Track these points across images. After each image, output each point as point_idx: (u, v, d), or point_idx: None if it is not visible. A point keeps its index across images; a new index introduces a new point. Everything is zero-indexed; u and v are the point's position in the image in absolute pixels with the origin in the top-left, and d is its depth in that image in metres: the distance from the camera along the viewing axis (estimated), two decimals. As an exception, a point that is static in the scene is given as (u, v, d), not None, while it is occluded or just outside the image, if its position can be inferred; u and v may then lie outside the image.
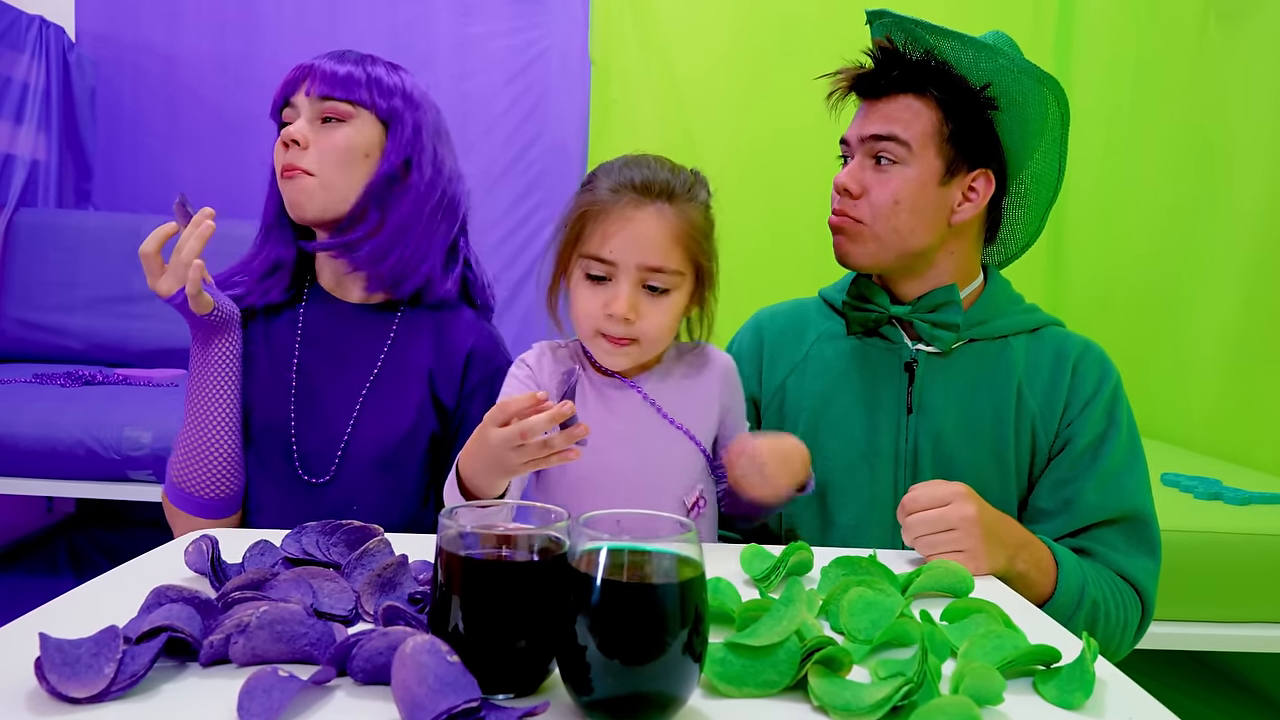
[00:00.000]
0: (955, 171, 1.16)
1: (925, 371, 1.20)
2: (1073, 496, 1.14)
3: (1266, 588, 1.56)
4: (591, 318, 1.05)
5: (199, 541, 0.82)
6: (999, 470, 1.16)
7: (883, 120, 1.16)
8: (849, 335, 1.26)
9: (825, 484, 1.21)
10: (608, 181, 1.07)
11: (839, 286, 1.31)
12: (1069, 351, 1.19)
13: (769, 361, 1.29)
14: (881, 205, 1.16)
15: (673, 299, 1.06)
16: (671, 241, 1.04)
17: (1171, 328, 2.33)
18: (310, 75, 1.18)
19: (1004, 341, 1.21)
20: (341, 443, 1.21)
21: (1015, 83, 1.14)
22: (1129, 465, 1.16)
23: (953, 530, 0.96)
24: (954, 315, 1.19)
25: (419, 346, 1.26)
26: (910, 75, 1.16)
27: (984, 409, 1.17)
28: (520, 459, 0.85)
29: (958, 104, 1.15)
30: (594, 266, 1.05)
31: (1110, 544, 1.13)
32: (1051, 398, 1.17)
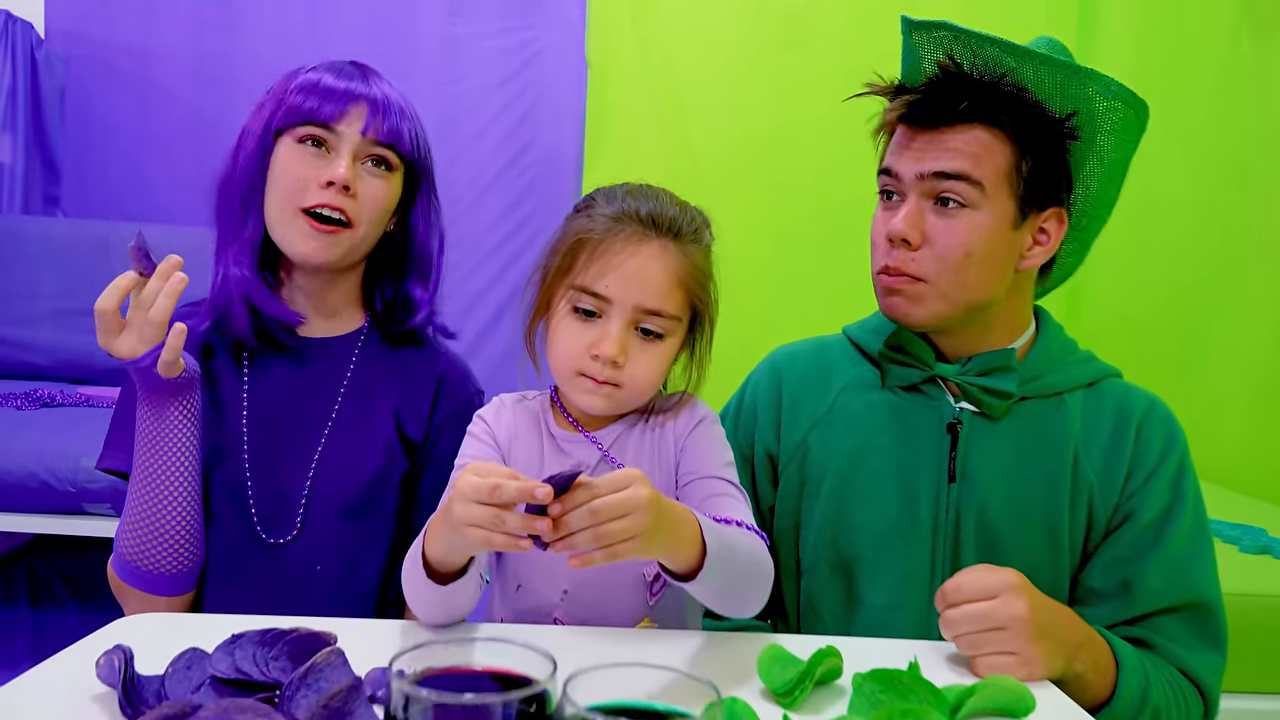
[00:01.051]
0: (1028, 213, 1.01)
1: (970, 434, 1.05)
2: (1132, 579, 1.00)
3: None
4: (574, 357, 0.93)
5: (111, 654, 0.68)
6: (1051, 547, 1.02)
7: (949, 155, 0.98)
8: (883, 388, 1.10)
9: (852, 558, 1.07)
10: (609, 208, 0.94)
11: (870, 328, 1.16)
12: (1132, 410, 1.05)
13: (789, 412, 1.14)
14: (950, 258, 0.99)
15: (665, 345, 0.95)
16: (673, 283, 0.93)
17: (1199, 356, 2.21)
18: (371, 109, 1.05)
19: (1059, 399, 1.06)
20: (303, 495, 1.07)
21: (1107, 110, 0.99)
22: (1195, 545, 1.02)
23: (1001, 630, 0.83)
24: (1009, 382, 1.03)
25: (382, 379, 1.13)
26: (981, 103, 0.99)
27: (1035, 477, 1.03)
28: (476, 534, 0.74)
29: (1037, 137, 0.99)
30: (584, 300, 0.93)
31: (1171, 635, 0.99)
32: (1112, 464, 1.02)
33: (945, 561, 1.05)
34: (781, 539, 1.13)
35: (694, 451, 0.99)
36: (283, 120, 1.05)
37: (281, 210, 1.05)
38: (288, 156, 1.04)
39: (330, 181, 1.02)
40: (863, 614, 1.06)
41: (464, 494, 0.74)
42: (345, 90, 1.05)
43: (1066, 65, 0.98)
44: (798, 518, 1.11)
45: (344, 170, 1.03)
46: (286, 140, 1.05)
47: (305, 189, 1.03)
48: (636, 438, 1.00)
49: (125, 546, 1.02)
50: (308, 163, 1.04)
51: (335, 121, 1.04)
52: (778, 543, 1.13)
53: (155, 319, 0.93)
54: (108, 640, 0.79)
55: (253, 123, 1.08)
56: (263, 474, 1.07)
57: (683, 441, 0.99)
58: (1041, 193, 1.01)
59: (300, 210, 1.04)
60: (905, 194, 1.02)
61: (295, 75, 1.08)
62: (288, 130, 1.05)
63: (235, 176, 1.08)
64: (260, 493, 1.07)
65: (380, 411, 1.11)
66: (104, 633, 0.83)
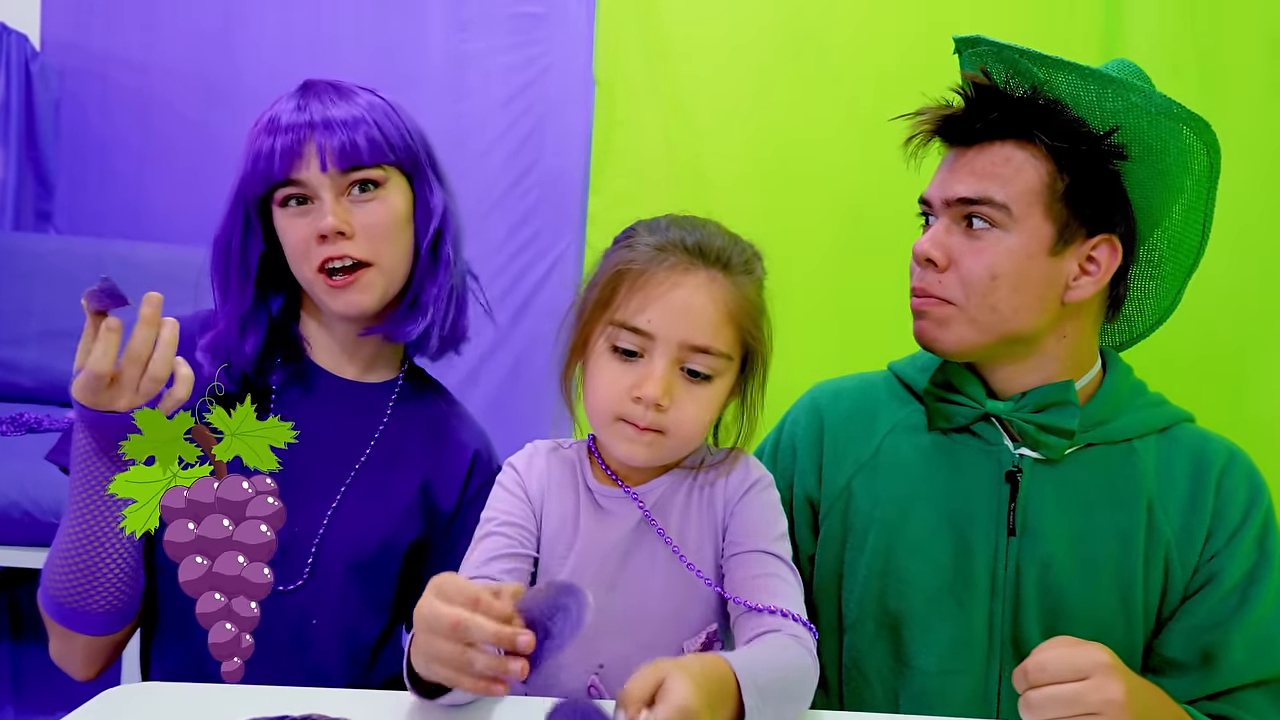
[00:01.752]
0: (1071, 238, 0.94)
1: (1031, 483, 0.97)
2: (1214, 649, 0.92)
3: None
4: (614, 400, 0.85)
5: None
6: (1124, 610, 0.94)
7: (974, 178, 0.94)
8: (932, 430, 1.03)
9: (901, 616, 0.99)
10: (652, 239, 0.87)
11: (918, 365, 1.08)
12: (1211, 460, 0.97)
13: (831, 455, 1.06)
14: (975, 280, 0.94)
15: (714, 389, 0.87)
16: (723, 318, 0.85)
17: (1239, 390, 2.12)
18: (318, 144, 0.97)
19: (1128, 446, 0.98)
20: (314, 543, 1.00)
21: (1152, 126, 0.91)
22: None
23: (1094, 715, 0.74)
24: (1069, 419, 0.95)
25: (413, 441, 1.07)
26: (1013, 117, 0.93)
27: (1106, 532, 0.95)
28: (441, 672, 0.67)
29: (1075, 154, 0.92)
30: (625, 338, 0.84)
31: (1259, 713, 0.91)
32: (1191, 521, 0.94)
33: (1004, 624, 0.96)
34: (822, 593, 1.04)
35: (744, 519, 0.90)
36: (247, 188, 1.00)
37: (304, 277, 1.02)
38: (283, 226, 1.01)
39: (322, 236, 0.98)
40: (913, 679, 0.98)
41: (426, 623, 0.67)
42: (288, 131, 0.98)
43: (1101, 75, 0.91)
44: (840, 569, 1.03)
45: (328, 220, 0.97)
46: (275, 208, 1.01)
47: (308, 252, 0.99)
48: (683, 497, 0.92)
49: (54, 585, 0.94)
50: (298, 225, 0.99)
51: (294, 172, 0.98)
52: (818, 597, 1.05)
53: (158, 374, 0.85)
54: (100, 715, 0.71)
55: (232, 188, 1.03)
56: None
57: (733, 506, 0.91)
58: (1087, 217, 0.94)
59: (316, 272, 1.00)
60: (938, 216, 0.98)
61: (255, 126, 1.02)
62: (270, 197, 1.00)
63: (220, 245, 1.04)
64: None
65: (407, 475, 1.05)
66: (94, 706, 0.75)
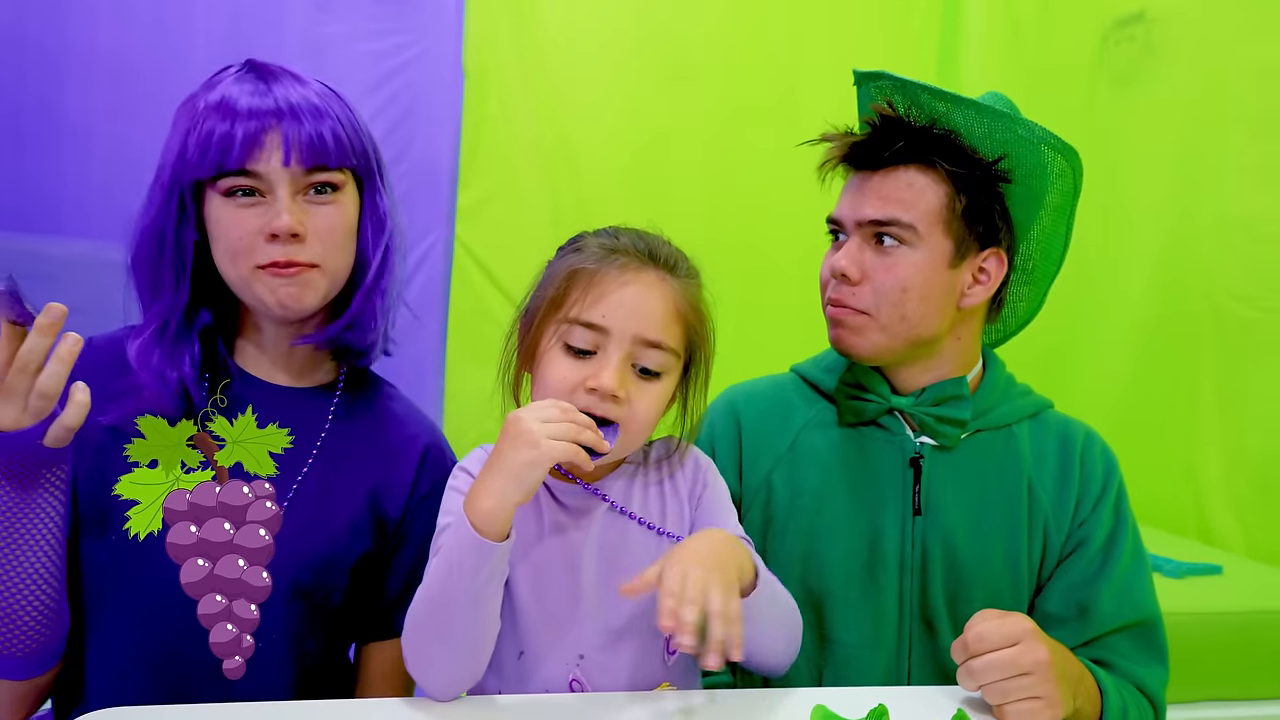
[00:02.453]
0: (966, 252, 1.04)
1: (932, 467, 1.08)
2: (1087, 603, 1.05)
3: (1214, 666, 1.56)
4: (565, 394, 0.87)
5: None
6: (1012, 575, 1.06)
7: (881, 202, 1.03)
8: (841, 425, 1.11)
9: (822, 595, 1.07)
10: (602, 243, 0.91)
11: (823, 366, 1.17)
12: (1073, 440, 1.10)
13: (750, 451, 1.13)
14: (888, 292, 1.03)
15: (662, 386, 0.91)
16: (672, 316, 0.89)
17: (1063, 390, 2.36)
18: (284, 136, 0.90)
19: (1008, 431, 1.10)
20: None
21: (1032, 153, 1.03)
22: (1138, 566, 1.08)
23: (1027, 675, 0.84)
24: (963, 410, 1.07)
25: (357, 448, 1.02)
26: (915, 145, 1.03)
27: (995, 507, 1.06)
28: (555, 446, 0.79)
29: (969, 178, 1.03)
30: (578, 335, 0.87)
31: (1124, 653, 1.04)
32: (1063, 493, 1.07)
33: (913, 596, 1.07)
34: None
35: (710, 510, 0.96)
36: (188, 171, 0.91)
37: (239, 273, 0.93)
38: (223, 217, 0.92)
39: (274, 234, 0.91)
40: (835, 653, 1.07)
41: (533, 416, 0.80)
42: (250, 117, 0.90)
43: (992, 110, 1.02)
44: (763, 558, 1.10)
45: (284, 219, 0.90)
46: (214, 196, 0.92)
47: (253, 249, 0.91)
48: (640, 490, 0.96)
49: None
50: (244, 219, 0.91)
51: (250, 163, 0.90)
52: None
53: (47, 390, 0.78)
54: None
55: (162, 170, 0.94)
56: None
57: (697, 500, 0.96)
58: (978, 233, 1.05)
59: (256, 268, 0.92)
60: (850, 235, 1.06)
61: (195, 104, 0.94)
62: (209, 184, 0.92)
63: (151, 234, 0.95)
64: None
65: (353, 487, 1.00)
66: None
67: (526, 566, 0.91)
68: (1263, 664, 1.62)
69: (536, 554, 0.91)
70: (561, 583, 0.91)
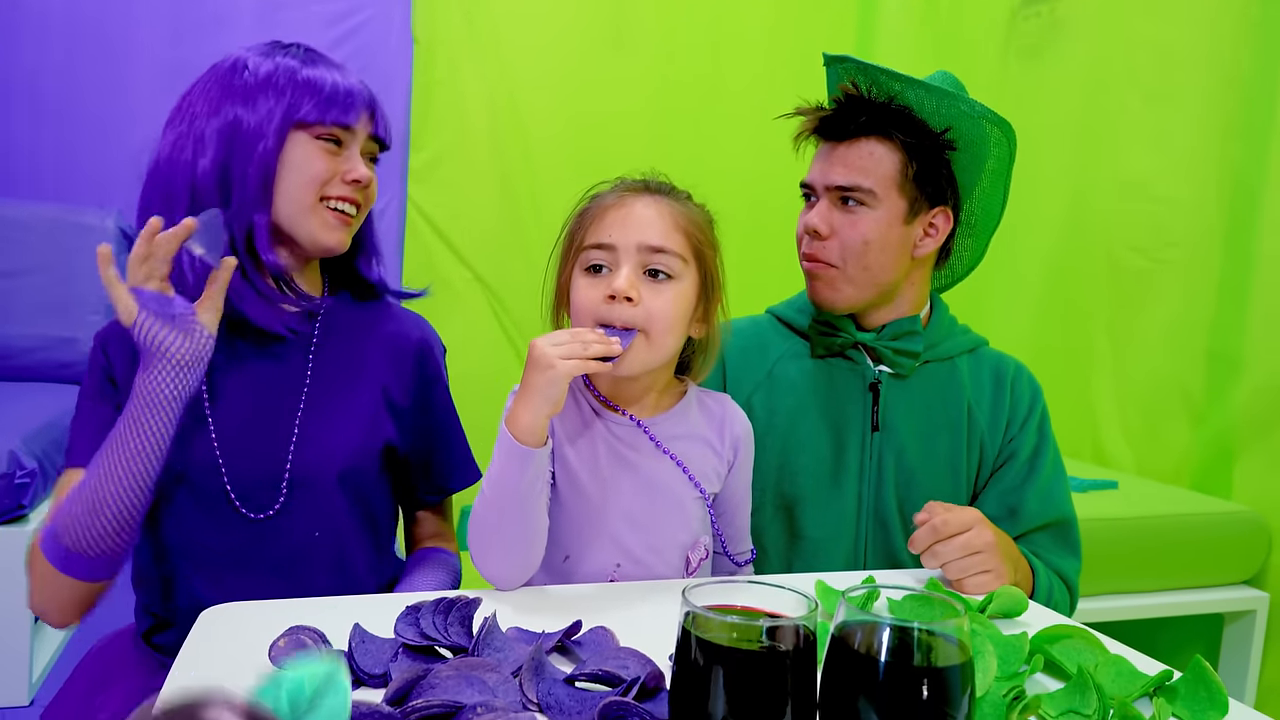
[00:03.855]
0: (918, 210, 1.23)
1: (888, 392, 1.27)
2: (1016, 505, 1.26)
3: (1112, 565, 1.82)
4: (591, 307, 1.01)
5: (298, 637, 0.71)
6: (953, 482, 1.26)
7: (846, 170, 1.21)
8: (813, 357, 1.30)
9: (794, 499, 1.26)
10: (603, 188, 1.07)
11: (795, 307, 1.35)
12: (1005, 371, 1.31)
13: (733, 377, 1.31)
14: (852, 246, 1.21)
15: (677, 288, 1.02)
16: (671, 225, 1.03)
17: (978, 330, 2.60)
18: (372, 109, 1.10)
19: (951, 363, 1.31)
20: (286, 467, 1.08)
21: (974, 126, 1.23)
22: (1057, 475, 1.30)
23: (980, 554, 1.03)
24: (917, 344, 1.27)
25: (361, 347, 1.15)
26: (875, 120, 1.21)
27: (940, 426, 1.27)
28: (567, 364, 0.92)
29: (920, 147, 1.22)
30: (593, 256, 1.02)
31: (1046, 547, 1.26)
32: (996, 415, 1.28)
33: (870, 499, 1.26)
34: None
35: (743, 474, 1.15)
36: (302, 118, 1.05)
37: (300, 203, 1.06)
38: (306, 152, 1.06)
39: (355, 179, 1.07)
40: (803, 548, 1.26)
41: (547, 341, 0.94)
42: (353, 91, 1.08)
43: (940, 90, 1.21)
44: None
45: (363, 170, 1.08)
46: (300, 136, 1.06)
47: (329, 183, 1.07)
48: (685, 439, 1.09)
49: (65, 528, 0.98)
50: (327, 160, 1.07)
51: (355, 123, 1.08)
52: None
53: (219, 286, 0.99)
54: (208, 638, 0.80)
55: (250, 116, 1.04)
56: (236, 452, 1.07)
57: (739, 451, 1.13)
58: (928, 194, 1.24)
59: (321, 200, 1.07)
60: (820, 197, 1.24)
61: (282, 67, 1.07)
62: (303, 127, 1.06)
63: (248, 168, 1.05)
64: (235, 471, 1.06)
65: (365, 379, 1.14)
66: (202, 626, 0.83)
67: (574, 482, 1.05)
68: (1150, 561, 1.90)
69: (584, 474, 1.05)
70: (601, 501, 1.05)
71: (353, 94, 1.08)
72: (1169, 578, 1.92)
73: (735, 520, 1.16)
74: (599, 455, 1.06)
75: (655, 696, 0.69)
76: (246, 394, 1.09)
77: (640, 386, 1.08)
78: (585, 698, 0.67)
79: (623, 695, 0.66)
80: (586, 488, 1.05)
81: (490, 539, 0.97)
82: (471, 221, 2.84)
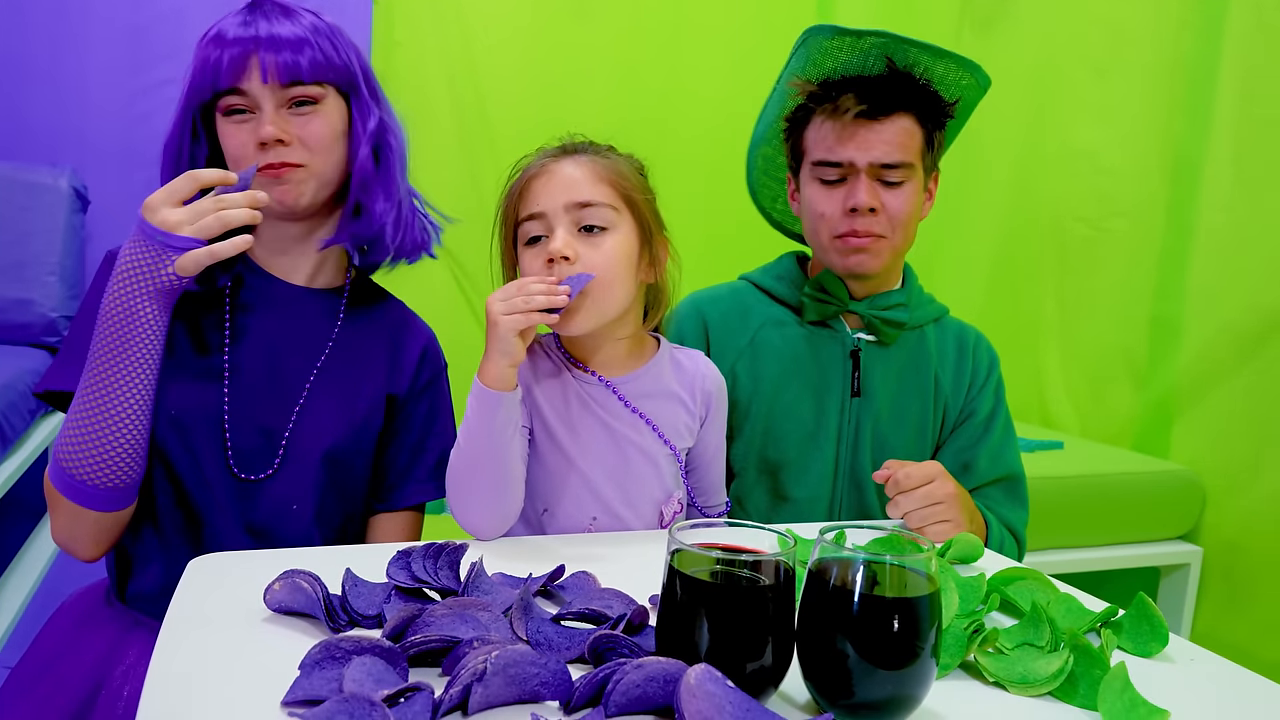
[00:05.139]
0: (928, 177, 1.29)
1: (867, 359, 1.32)
2: (971, 461, 1.32)
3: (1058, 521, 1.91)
4: (536, 274, 1.03)
5: (293, 581, 0.73)
6: (920, 444, 1.32)
7: (888, 148, 1.23)
8: (802, 324, 1.33)
9: (779, 463, 1.30)
10: (526, 161, 1.10)
11: (773, 275, 1.39)
12: (967, 339, 1.37)
13: (716, 345, 1.34)
14: (900, 218, 1.25)
15: (614, 238, 1.04)
16: (594, 178, 1.05)
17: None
18: (262, 59, 1.04)
19: (920, 331, 1.35)
20: (284, 436, 1.10)
21: (975, 96, 1.28)
22: (1009, 435, 1.36)
23: (940, 504, 1.09)
24: (903, 314, 1.32)
25: (371, 338, 1.17)
26: (908, 96, 1.24)
27: (912, 392, 1.32)
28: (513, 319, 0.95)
29: (936, 120, 1.27)
30: (531, 227, 1.05)
31: (997, 500, 1.32)
32: (959, 380, 1.34)
33: (846, 460, 1.31)
34: (718, 449, 1.33)
35: (716, 428, 1.18)
36: (194, 97, 1.06)
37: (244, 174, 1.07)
38: (225, 133, 1.07)
39: (262, 143, 1.05)
40: (786, 508, 1.30)
41: (496, 297, 0.96)
42: (242, 43, 1.05)
43: (965, 61, 1.25)
44: (730, 432, 1.32)
45: (267, 128, 1.04)
46: (219, 118, 1.07)
47: (247, 157, 1.06)
48: (656, 397, 1.12)
49: (65, 456, 0.99)
50: (239, 133, 1.06)
51: (238, 81, 1.04)
52: (714, 453, 1.33)
53: (229, 219, 0.96)
54: (199, 586, 0.81)
55: (181, 96, 1.08)
56: (242, 412, 1.08)
57: (710, 406, 1.16)
58: (932, 161, 1.30)
59: (259, 172, 1.06)
60: (857, 175, 1.24)
61: (204, 40, 1.07)
62: (213, 106, 1.07)
63: (175, 150, 1.09)
64: (237, 429, 1.08)
65: (369, 375, 1.15)
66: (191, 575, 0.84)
67: (551, 439, 1.08)
68: (1093, 518, 1.99)
69: (560, 430, 1.08)
70: (577, 456, 1.08)
71: (224, 52, 1.04)
72: (1110, 533, 2.01)
73: (709, 474, 1.19)
74: (573, 413, 1.09)
75: (641, 632, 0.73)
76: (262, 356, 1.11)
77: (606, 344, 1.10)
78: (573, 634, 0.71)
79: (610, 630, 0.69)
80: (562, 443, 1.08)
81: (468, 486, 1.00)
82: (432, 185, 2.80)
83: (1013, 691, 0.71)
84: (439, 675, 0.66)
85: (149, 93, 2.68)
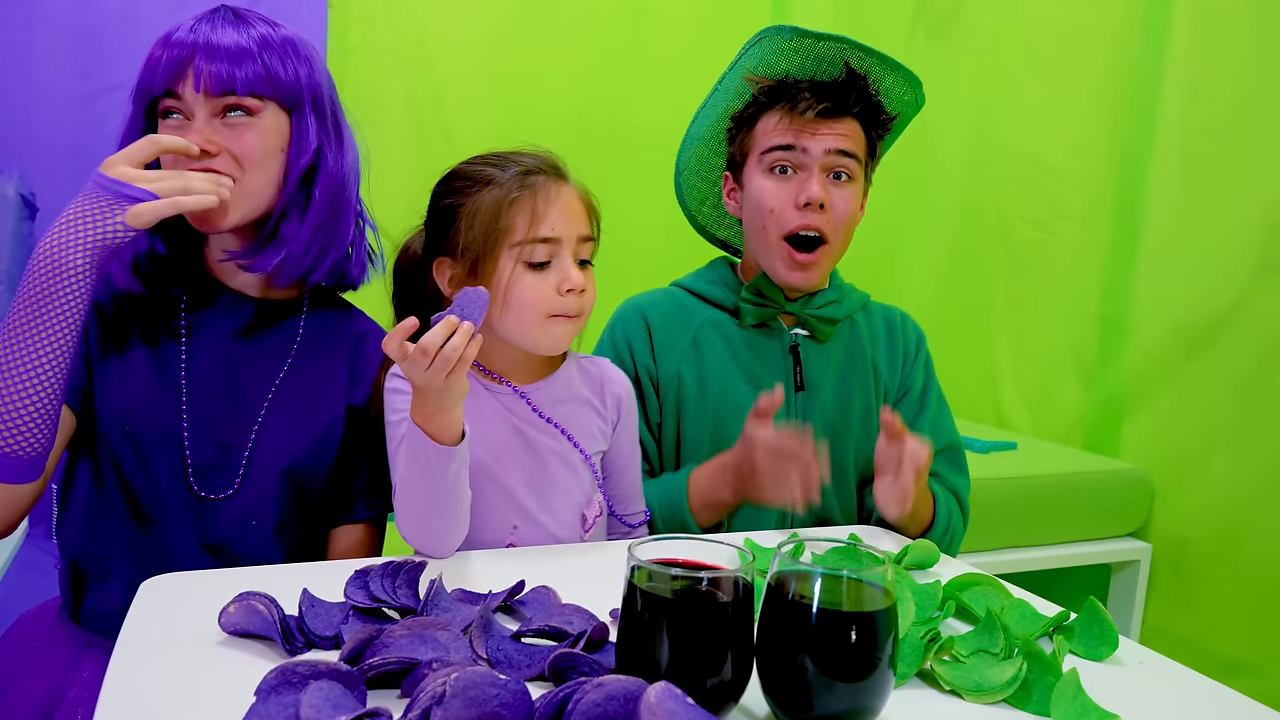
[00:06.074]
0: (866, 184, 1.33)
1: (807, 354, 1.34)
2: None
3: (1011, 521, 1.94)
4: (544, 302, 1.03)
5: (248, 604, 0.72)
6: (865, 430, 1.35)
7: (844, 139, 1.26)
8: (740, 326, 1.35)
9: (730, 463, 1.31)
10: (509, 170, 1.06)
11: (706, 279, 1.41)
12: (893, 321, 1.42)
13: (660, 347, 1.35)
14: (844, 218, 1.28)
15: (591, 271, 1.09)
16: (587, 211, 1.09)
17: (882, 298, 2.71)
18: (197, 67, 1.00)
19: (851, 320, 1.39)
20: (244, 454, 1.08)
21: (911, 111, 1.32)
22: (943, 406, 1.41)
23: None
24: (836, 311, 1.35)
25: (331, 351, 1.16)
26: (861, 100, 1.27)
27: (853, 382, 1.35)
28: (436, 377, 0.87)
29: (878, 128, 1.30)
30: (536, 251, 1.04)
31: (941, 469, 1.36)
32: (893, 361, 1.38)
33: None
34: (666, 452, 1.35)
35: (628, 431, 1.18)
36: (141, 96, 1.04)
37: None
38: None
39: (194, 150, 1.01)
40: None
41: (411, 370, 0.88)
42: (179, 46, 1.01)
43: (909, 74, 1.28)
44: (677, 435, 1.34)
45: (194, 135, 1.01)
46: (160, 120, 1.04)
47: (176, 164, 1.01)
48: (567, 403, 1.13)
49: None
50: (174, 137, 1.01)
51: (174, 86, 1.02)
52: (664, 456, 1.35)
53: (191, 183, 0.96)
54: (153, 608, 0.80)
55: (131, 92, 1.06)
56: (201, 428, 1.06)
57: (621, 409, 1.17)
58: (870, 167, 1.33)
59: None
60: (808, 168, 1.26)
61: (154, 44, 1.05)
62: (143, 99, 1.04)
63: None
64: (198, 447, 1.06)
65: (330, 381, 1.14)
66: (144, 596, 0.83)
67: (470, 449, 1.05)
68: (1045, 517, 2.02)
69: (477, 440, 1.06)
70: (494, 466, 1.07)
71: (165, 62, 1.01)
72: (1062, 532, 2.05)
73: (624, 479, 1.19)
74: (487, 422, 1.08)
75: (601, 648, 0.73)
76: (220, 370, 1.09)
77: (520, 356, 1.11)
78: (534, 652, 0.71)
79: (570, 648, 0.69)
80: (478, 453, 1.06)
81: (419, 527, 0.98)
82: (387, 190, 2.78)
83: (968, 699, 0.72)
84: (398, 698, 0.65)
85: (99, 96, 2.62)
